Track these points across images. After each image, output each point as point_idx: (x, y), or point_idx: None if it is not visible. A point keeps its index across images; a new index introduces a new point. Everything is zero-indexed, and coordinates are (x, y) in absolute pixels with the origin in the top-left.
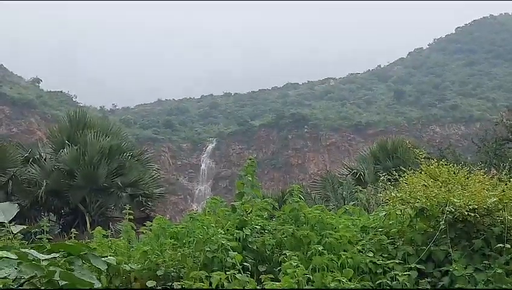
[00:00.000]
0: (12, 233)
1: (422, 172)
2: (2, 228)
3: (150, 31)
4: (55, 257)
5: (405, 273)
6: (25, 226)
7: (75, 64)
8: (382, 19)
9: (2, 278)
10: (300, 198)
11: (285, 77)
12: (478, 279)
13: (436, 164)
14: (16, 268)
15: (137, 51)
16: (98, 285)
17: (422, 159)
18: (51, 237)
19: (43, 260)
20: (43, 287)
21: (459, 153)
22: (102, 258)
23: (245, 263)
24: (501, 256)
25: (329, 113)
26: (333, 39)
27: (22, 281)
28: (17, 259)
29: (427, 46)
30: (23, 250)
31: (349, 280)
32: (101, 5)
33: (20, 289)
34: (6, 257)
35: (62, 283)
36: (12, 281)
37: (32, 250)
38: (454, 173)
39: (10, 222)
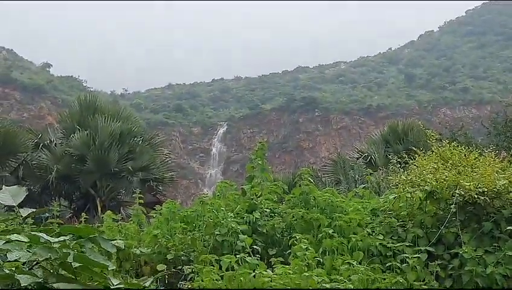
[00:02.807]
0: (22, 217)
1: (433, 154)
2: (12, 212)
3: (149, 26)
4: (65, 240)
5: (415, 255)
6: (34, 210)
7: (74, 64)
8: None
9: (13, 261)
10: (310, 181)
11: (296, 59)
12: (488, 261)
13: (448, 145)
14: (28, 251)
15: (136, 46)
16: (112, 267)
17: (434, 141)
18: (62, 222)
19: (54, 243)
20: (55, 270)
21: (470, 135)
22: (112, 242)
23: (255, 247)
24: (511, 238)
25: (340, 96)
26: (341, 23)
27: (35, 263)
28: (28, 242)
29: (438, 29)
30: (34, 233)
31: (359, 263)
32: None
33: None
34: (17, 240)
35: (75, 265)
36: (23, 264)
37: (42, 233)
38: (465, 156)
39: (21, 206)
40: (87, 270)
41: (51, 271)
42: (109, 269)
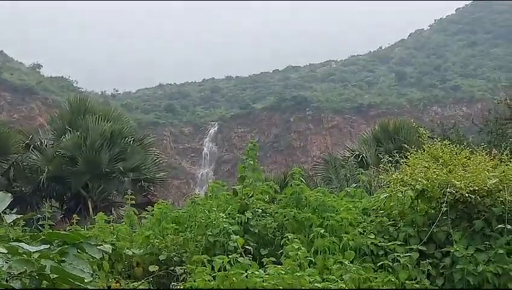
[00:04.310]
0: (7, 223)
1: (425, 152)
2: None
3: (141, 14)
4: (47, 248)
5: (406, 254)
6: (19, 215)
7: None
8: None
9: None
10: (301, 181)
11: (287, 59)
12: (479, 259)
13: (439, 143)
14: (6, 262)
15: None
16: (89, 278)
17: (426, 139)
18: (53, 223)
19: (34, 253)
20: (35, 279)
21: (462, 133)
22: (98, 247)
23: (247, 247)
24: (502, 236)
25: (331, 95)
26: (332, 22)
27: (13, 275)
28: (7, 253)
29: (428, 27)
30: (13, 244)
31: (351, 262)
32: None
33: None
34: None
35: (54, 276)
36: (7, 273)
37: (23, 243)
38: (456, 154)
39: (11, 208)
40: (66, 281)
41: (30, 281)
42: (86, 280)
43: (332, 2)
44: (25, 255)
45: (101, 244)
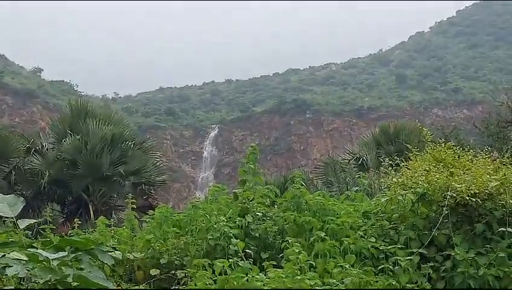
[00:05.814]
0: (19, 228)
1: (427, 155)
2: (6, 219)
3: (141, 14)
4: (64, 256)
5: (407, 258)
6: (32, 221)
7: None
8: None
9: (13, 275)
10: (301, 184)
11: (286, 63)
12: (480, 263)
13: (443, 145)
14: (28, 270)
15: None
16: (111, 286)
17: (429, 142)
18: (55, 227)
19: (53, 260)
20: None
21: (463, 136)
22: (109, 253)
23: (247, 250)
24: (503, 240)
25: (331, 98)
26: (332, 24)
27: (38, 286)
28: (27, 260)
29: (428, 30)
30: (32, 250)
31: (352, 266)
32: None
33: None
34: (17, 259)
35: (74, 283)
36: (22, 280)
37: (41, 250)
38: (458, 157)
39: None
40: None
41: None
42: (109, 287)
43: (332, 2)
44: (45, 263)
45: (112, 251)
